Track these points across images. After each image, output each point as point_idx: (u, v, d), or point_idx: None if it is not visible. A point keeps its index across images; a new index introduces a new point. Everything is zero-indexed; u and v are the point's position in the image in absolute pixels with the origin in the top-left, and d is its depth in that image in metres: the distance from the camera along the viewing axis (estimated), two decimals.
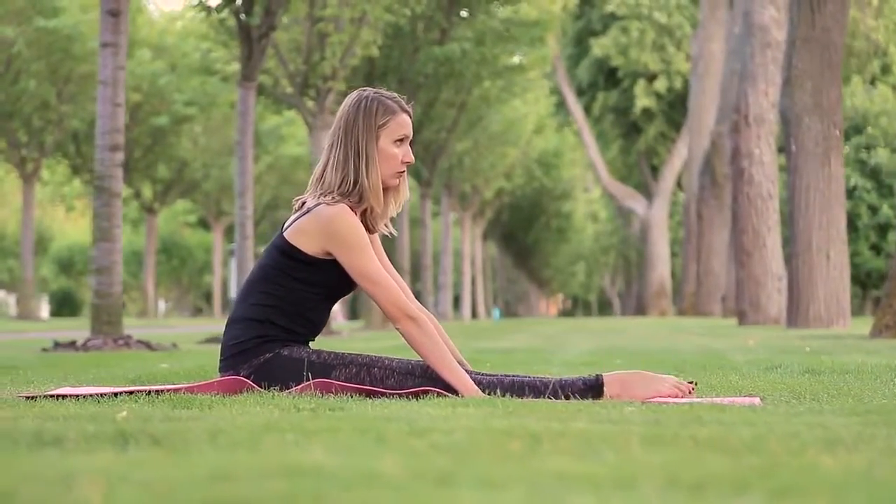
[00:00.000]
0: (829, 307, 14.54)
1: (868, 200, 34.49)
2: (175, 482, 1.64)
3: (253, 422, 2.69)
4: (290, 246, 3.83)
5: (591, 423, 2.67)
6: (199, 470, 1.75)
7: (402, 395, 3.80)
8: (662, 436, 2.39)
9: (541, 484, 1.63)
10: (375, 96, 3.90)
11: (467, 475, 1.70)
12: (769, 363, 6.08)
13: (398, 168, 3.89)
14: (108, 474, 1.73)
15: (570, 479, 1.68)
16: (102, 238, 9.62)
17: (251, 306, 3.88)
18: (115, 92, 9.65)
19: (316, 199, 3.86)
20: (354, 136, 3.85)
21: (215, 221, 42.16)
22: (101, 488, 1.58)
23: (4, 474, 1.73)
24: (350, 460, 1.88)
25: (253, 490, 1.56)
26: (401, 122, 3.89)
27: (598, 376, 3.88)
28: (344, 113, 3.89)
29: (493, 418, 2.82)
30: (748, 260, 18.38)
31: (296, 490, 1.55)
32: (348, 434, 2.41)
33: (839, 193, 14.81)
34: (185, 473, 1.72)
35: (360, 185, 3.84)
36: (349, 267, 3.80)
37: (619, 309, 73.16)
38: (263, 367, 3.86)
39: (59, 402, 3.67)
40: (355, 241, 3.77)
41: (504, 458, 1.98)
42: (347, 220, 3.77)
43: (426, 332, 3.75)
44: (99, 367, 6.08)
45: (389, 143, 3.87)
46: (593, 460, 1.92)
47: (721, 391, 4.24)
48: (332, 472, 1.71)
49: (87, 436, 2.37)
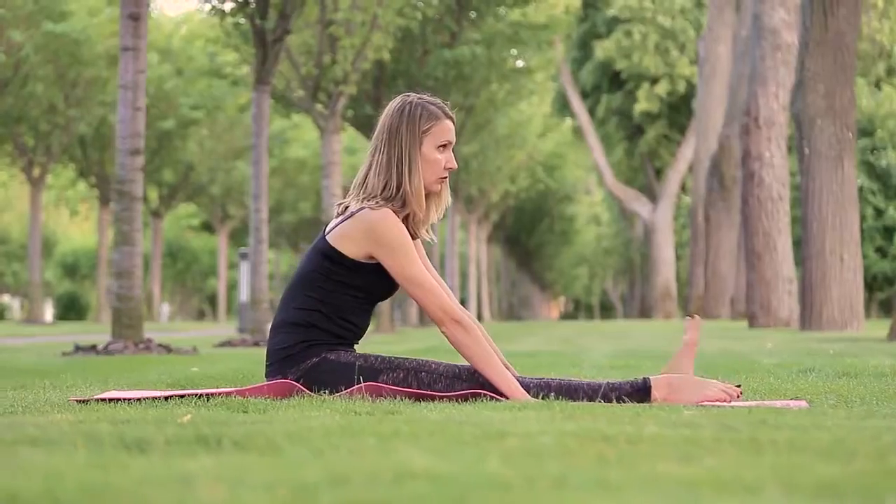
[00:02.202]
0: (842, 310, 14.55)
1: (874, 203, 34.50)
2: (295, 486, 1.64)
3: (324, 424, 2.70)
4: (333, 250, 3.84)
5: (662, 427, 2.67)
6: (311, 474, 1.75)
7: (450, 399, 3.80)
8: (740, 439, 2.40)
9: (662, 488, 1.64)
10: (419, 101, 3.90)
11: (579, 478, 1.71)
12: (800, 366, 6.07)
13: (441, 174, 3.90)
14: (218, 477, 1.73)
15: (688, 483, 1.69)
16: (123, 242, 9.63)
17: (295, 310, 3.89)
18: (136, 96, 9.65)
19: (359, 203, 3.86)
20: (398, 141, 3.86)
21: (220, 225, 42.17)
22: (222, 492, 1.58)
23: (120, 476, 1.74)
24: (454, 464, 1.89)
25: (387, 494, 1.56)
26: (444, 127, 3.90)
27: (646, 379, 3.89)
28: (388, 118, 3.90)
29: (559, 422, 2.83)
30: (759, 262, 18.38)
31: (434, 493, 1.55)
32: (428, 437, 2.42)
33: (852, 196, 14.82)
34: (297, 477, 1.72)
35: (402, 190, 3.85)
36: (394, 271, 3.80)
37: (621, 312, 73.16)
38: (311, 370, 3.87)
39: (112, 405, 3.68)
40: (400, 245, 3.78)
41: (602, 461, 1.98)
42: (392, 223, 3.78)
43: (472, 336, 3.76)
44: (132, 371, 6.09)
45: (432, 149, 3.88)
46: (696, 464, 1.92)
47: (764, 395, 4.24)
48: (446, 476, 1.72)
49: (170, 439, 2.38)
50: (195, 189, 37.52)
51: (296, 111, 19.78)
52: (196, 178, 36.38)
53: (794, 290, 18.50)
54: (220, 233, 42.58)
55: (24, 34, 26.05)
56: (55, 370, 6.40)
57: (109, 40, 27.95)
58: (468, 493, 1.58)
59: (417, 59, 21.18)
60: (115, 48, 28.30)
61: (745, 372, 5.65)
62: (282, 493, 1.58)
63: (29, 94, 27.21)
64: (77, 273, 52.59)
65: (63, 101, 28.28)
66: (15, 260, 52.36)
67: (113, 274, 9.75)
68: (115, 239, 9.71)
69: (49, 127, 28.70)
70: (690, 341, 3.98)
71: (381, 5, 16.41)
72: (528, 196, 44.20)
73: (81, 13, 27.62)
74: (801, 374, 5.47)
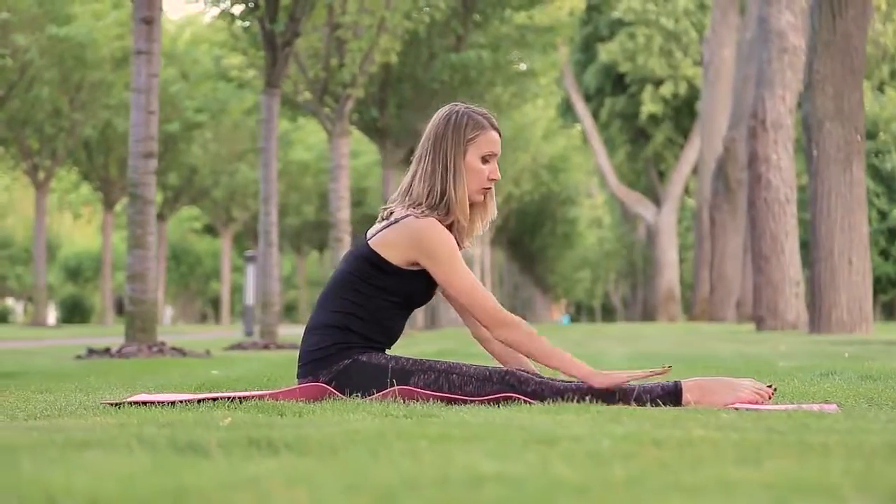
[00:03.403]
0: (851, 312, 14.54)
1: (877, 205, 34.53)
2: (375, 490, 1.64)
3: (373, 427, 2.70)
4: (376, 255, 3.85)
5: (708, 430, 2.67)
6: (382, 477, 1.75)
7: (482, 402, 3.81)
8: (789, 442, 2.40)
9: (740, 491, 1.64)
10: (466, 111, 3.92)
11: (653, 482, 1.71)
12: (820, 369, 6.06)
13: (484, 184, 3.91)
14: (290, 480, 1.73)
15: (763, 485, 1.69)
16: (136, 245, 9.63)
17: (331, 313, 3.90)
18: (149, 99, 9.66)
19: (405, 210, 3.87)
20: (443, 149, 3.87)
21: (224, 228, 42.18)
22: (303, 495, 1.58)
23: (192, 479, 1.74)
24: (520, 467, 1.89)
25: (469, 498, 1.56)
26: (489, 138, 3.91)
27: (677, 382, 3.89)
28: (434, 126, 3.91)
29: (604, 424, 2.83)
30: (766, 265, 18.38)
31: (516, 497, 1.55)
32: (479, 441, 2.42)
33: (861, 198, 14.83)
34: (369, 481, 1.72)
35: (447, 198, 3.86)
36: (441, 279, 3.81)
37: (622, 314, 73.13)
38: (343, 373, 3.87)
39: (145, 408, 3.69)
40: (447, 254, 3.79)
41: (663, 464, 1.98)
42: (438, 232, 3.79)
43: (525, 334, 3.77)
44: (153, 374, 6.09)
45: (476, 159, 3.89)
46: (760, 467, 1.92)
47: (792, 398, 4.24)
48: (518, 479, 1.72)
49: (222, 442, 2.38)
50: (199, 192, 37.54)
51: (302, 114, 19.77)
52: (200, 181, 36.40)
53: (801, 292, 18.50)
54: (223, 236, 42.58)
55: (29, 38, 26.07)
56: (75, 373, 6.40)
57: (114, 43, 27.97)
58: (548, 496, 1.58)
59: (423, 63, 21.19)
60: (120, 51, 28.35)
61: (766, 375, 5.64)
62: (363, 497, 1.58)
63: (34, 97, 27.22)
64: (80, 276, 52.60)
65: (68, 104, 28.29)
66: (18, 263, 52.36)
67: (126, 277, 9.76)
68: (128, 242, 9.72)
69: (54, 130, 28.72)
70: (750, 398, 3.89)
71: (389, 8, 16.41)
72: (531, 199, 44.20)
73: (86, 17, 27.64)
74: (823, 377, 5.47)
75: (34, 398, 4.25)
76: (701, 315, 31.15)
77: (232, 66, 23.69)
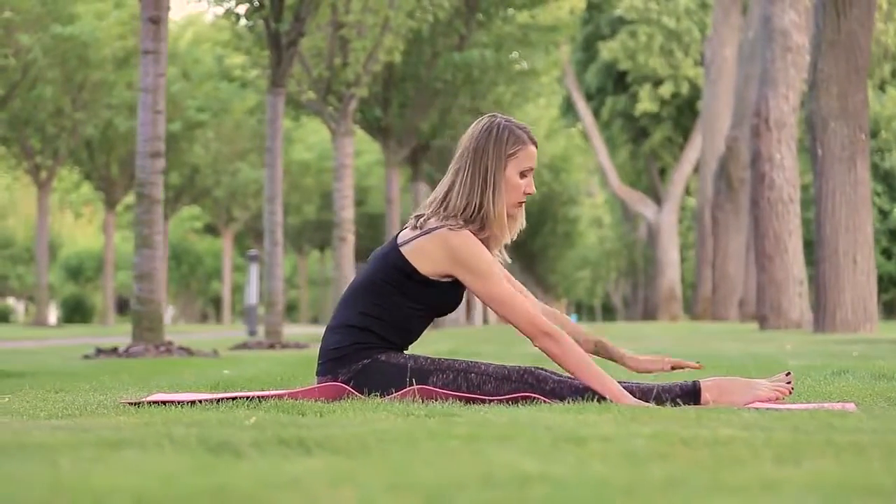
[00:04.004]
0: (856, 312, 14.53)
1: (879, 205, 34.56)
2: (422, 489, 1.64)
3: (398, 427, 2.70)
4: (407, 263, 3.84)
5: (734, 429, 2.67)
6: (425, 476, 1.75)
7: (500, 401, 3.81)
8: (817, 442, 2.40)
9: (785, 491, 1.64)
10: (507, 125, 3.90)
11: (695, 481, 1.71)
12: (831, 368, 6.05)
13: (520, 198, 3.91)
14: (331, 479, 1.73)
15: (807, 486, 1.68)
16: (144, 245, 9.64)
17: (354, 314, 3.90)
18: (156, 99, 9.66)
19: (440, 220, 3.86)
20: (483, 162, 3.85)
21: (224, 228, 42.17)
22: (351, 494, 1.58)
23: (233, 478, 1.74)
24: (560, 467, 1.89)
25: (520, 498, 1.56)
26: (529, 153, 3.91)
27: (696, 382, 3.90)
28: (473, 138, 3.89)
29: (629, 424, 2.83)
30: (769, 264, 18.37)
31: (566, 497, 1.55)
32: (509, 440, 2.42)
33: (865, 197, 14.82)
34: (412, 481, 1.72)
35: (484, 213, 3.85)
36: (479, 291, 3.81)
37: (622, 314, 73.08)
38: (362, 372, 3.87)
39: (165, 407, 3.69)
40: (484, 267, 3.80)
41: (698, 464, 1.98)
42: (473, 245, 3.79)
43: (565, 346, 3.76)
44: (165, 374, 6.09)
45: (515, 174, 3.88)
46: (798, 467, 1.92)
47: (808, 397, 4.24)
48: (563, 479, 1.72)
49: (253, 442, 2.38)
50: (200, 191, 37.53)
51: (306, 113, 19.77)
52: (202, 180, 36.40)
53: (804, 291, 18.50)
54: (224, 235, 42.56)
55: (32, 37, 26.08)
56: (86, 373, 6.40)
57: (116, 43, 27.98)
58: (597, 497, 1.58)
59: (426, 62, 21.19)
60: (123, 51, 28.36)
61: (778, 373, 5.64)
62: (412, 497, 1.58)
63: (37, 97, 27.22)
64: (81, 276, 52.58)
65: (70, 104, 28.30)
66: (19, 263, 52.34)
67: (133, 277, 9.77)
68: (136, 242, 9.73)
69: (56, 130, 28.72)
70: (769, 396, 3.92)
71: (393, 7, 16.41)
72: (532, 199, 44.20)
73: (89, 16, 27.64)
74: (835, 376, 5.47)
75: (51, 398, 4.25)
76: (703, 314, 31.15)
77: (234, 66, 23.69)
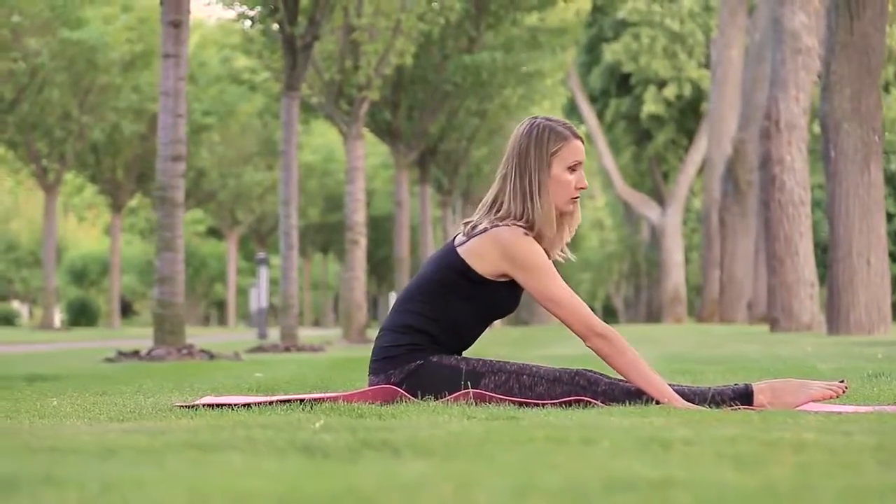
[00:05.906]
0: (870, 313, 14.53)
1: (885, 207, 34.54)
2: (551, 494, 1.63)
3: (473, 430, 2.70)
4: (463, 263, 3.85)
5: (817, 433, 2.67)
6: (544, 481, 1.75)
7: (554, 405, 3.81)
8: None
9: None
10: (547, 124, 3.91)
11: (830, 487, 1.69)
12: (864, 371, 6.04)
13: (572, 194, 3.91)
14: (457, 484, 1.73)
15: None
16: (165, 248, 9.64)
17: (410, 314, 3.91)
18: (177, 103, 9.67)
19: (491, 223, 3.87)
20: (527, 164, 3.87)
21: (229, 231, 42.15)
22: (483, 497, 1.58)
23: (349, 481, 1.73)
24: (680, 472, 1.88)
25: (661, 497, 1.56)
26: (573, 148, 3.91)
27: (748, 385, 3.92)
28: (516, 142, 3.91)
29: (703, 427, 2.83)
30: (780, 267, 18.36)
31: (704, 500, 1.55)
32: (594, 443, 2.42)
33: (879, 199, 14.84)
34: (534, 484, 1.72)
35: (529, 214, 3.86)
36: (534, 291, 3.82)
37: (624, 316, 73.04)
38: (414, 373, 3.88)
39: (220, 410, 3.69)
40: (539, 265, 3.80)
41: (804, 468, 1.98)
42: (528, 243, 3.80)
43: (618, 348, 3.76)
44: (198, 376, 6.08)
45: (562, 170, 3.89)
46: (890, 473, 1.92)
47: (854, 399, 4.23)
48: (686, 483, 1.71)
49: (339, 445, 2.38)
50: (206, 195, 37.54)
51: (317, 116, 19.78)
52: (208, 183, 36.41)
53: (815, 294, 18.50)
54: (228, 238, 42.55)
55: (40, 41, 26.10)
56: (116, 376, 6.40)
57: (124, 47, 28.02)
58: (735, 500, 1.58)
59: (436, 65, 21.20)
60: (130, 55, 28.39)
61: (811, 377, 5.62)
62: (546, 501, 1.57)
63: (45, 100, 27.25)
64: (85, 279, 52.56)
65: (77, 107, 28.32)
66: (24, 266, 52.34)
67: (155, 280, 9.77)
68: (157, 245, 9.74)
69: (63, 134, 28.73)
70: (822, 395, 3.93)
71: (405, 10, 16.42)
72: None
73: (97, 20, 27.67)
74: (871, 378, 5.45)
75: (99, 401, 4.25)
76: (710, 316, 31.12)
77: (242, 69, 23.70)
